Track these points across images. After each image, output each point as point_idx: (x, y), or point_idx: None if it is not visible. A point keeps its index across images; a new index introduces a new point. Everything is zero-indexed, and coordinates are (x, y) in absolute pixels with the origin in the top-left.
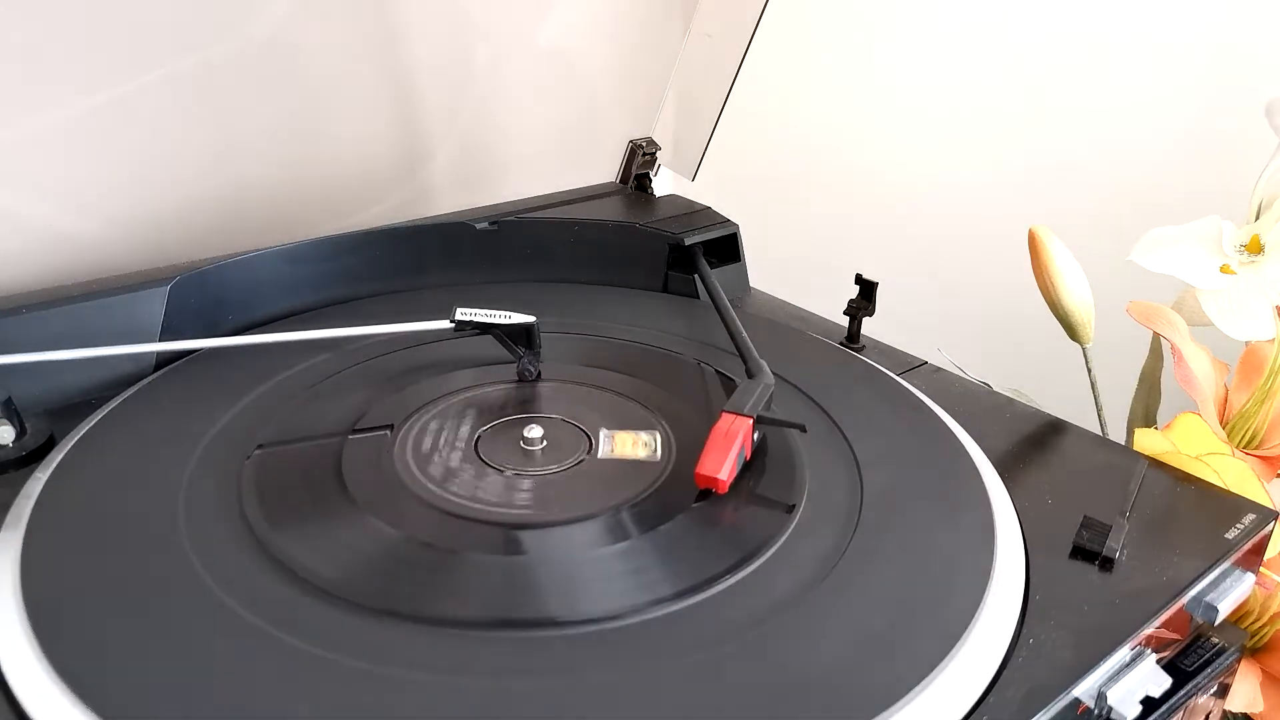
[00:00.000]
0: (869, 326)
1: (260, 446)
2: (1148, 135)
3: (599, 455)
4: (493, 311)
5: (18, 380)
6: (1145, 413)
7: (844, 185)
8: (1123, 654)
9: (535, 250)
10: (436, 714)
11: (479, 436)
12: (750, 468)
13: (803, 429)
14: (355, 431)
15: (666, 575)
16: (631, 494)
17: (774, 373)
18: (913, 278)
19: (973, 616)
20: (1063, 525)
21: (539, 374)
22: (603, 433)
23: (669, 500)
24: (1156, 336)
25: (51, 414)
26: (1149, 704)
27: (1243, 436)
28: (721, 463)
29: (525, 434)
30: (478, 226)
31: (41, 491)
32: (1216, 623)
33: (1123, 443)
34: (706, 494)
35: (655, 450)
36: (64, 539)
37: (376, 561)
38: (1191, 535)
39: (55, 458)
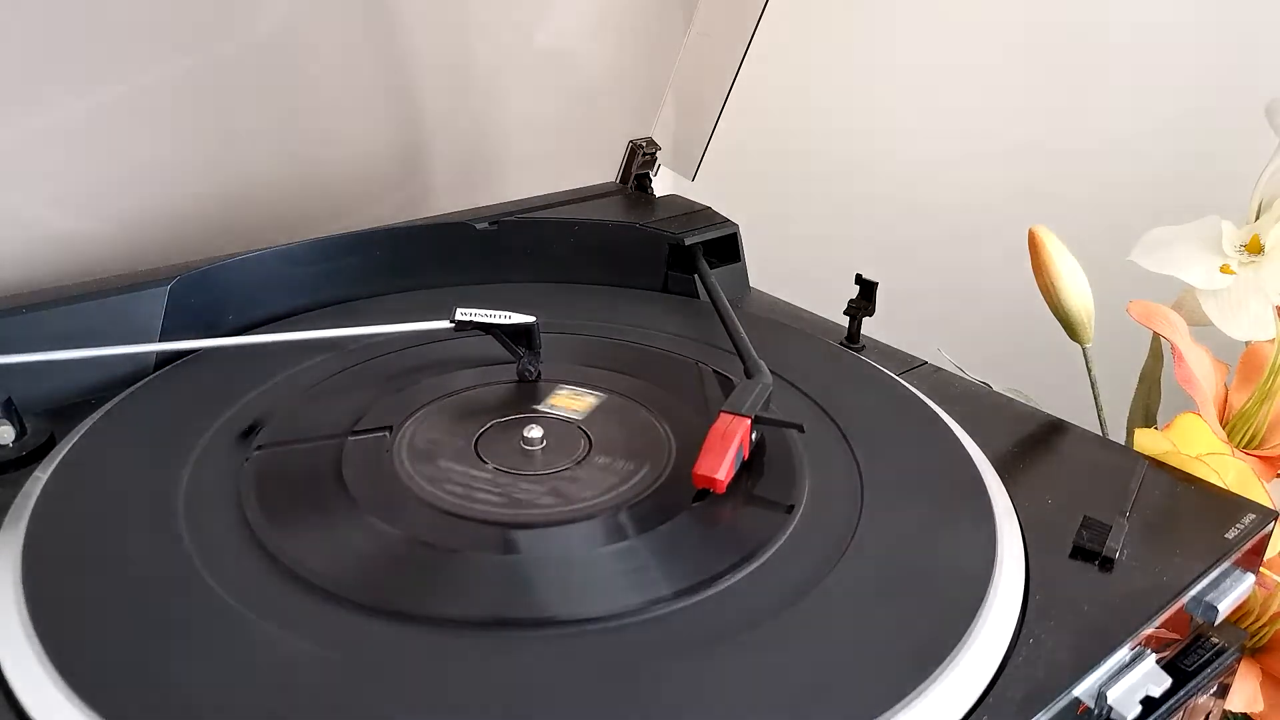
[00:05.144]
0: (869, 326)
1: (260, 447)
2: (1148, 135)
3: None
4: (493, 311)
5: (18, 380)
6: (1145, 413)
7: (844, 185)
8: (1123, 654)
9: (535, 250)
10: (435, 713)
11: (479, 437)
12: (749, 468)
13: (801, 429)
14: (355, 432)
15: (665, 575)
16: (630, 494)
17: (774, 373)
18: (913, 278)
19: (973, 616)
20: (1063, 525)
21: (539, 374)
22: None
23: (668, 500)
24: (1156, 336)
25: (51, 414)
26: (1149, 704)
27: (1243, 436)
28: (719, 463)
29: (525, 434)
30: (478, 226)
31: (41, 491)
32: (1216, 623)
33: (1123, 443)
34: (705, 494)
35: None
36: (64, 539)
37: (376, 561)
38: (1191, 535)
39: (55, 458)
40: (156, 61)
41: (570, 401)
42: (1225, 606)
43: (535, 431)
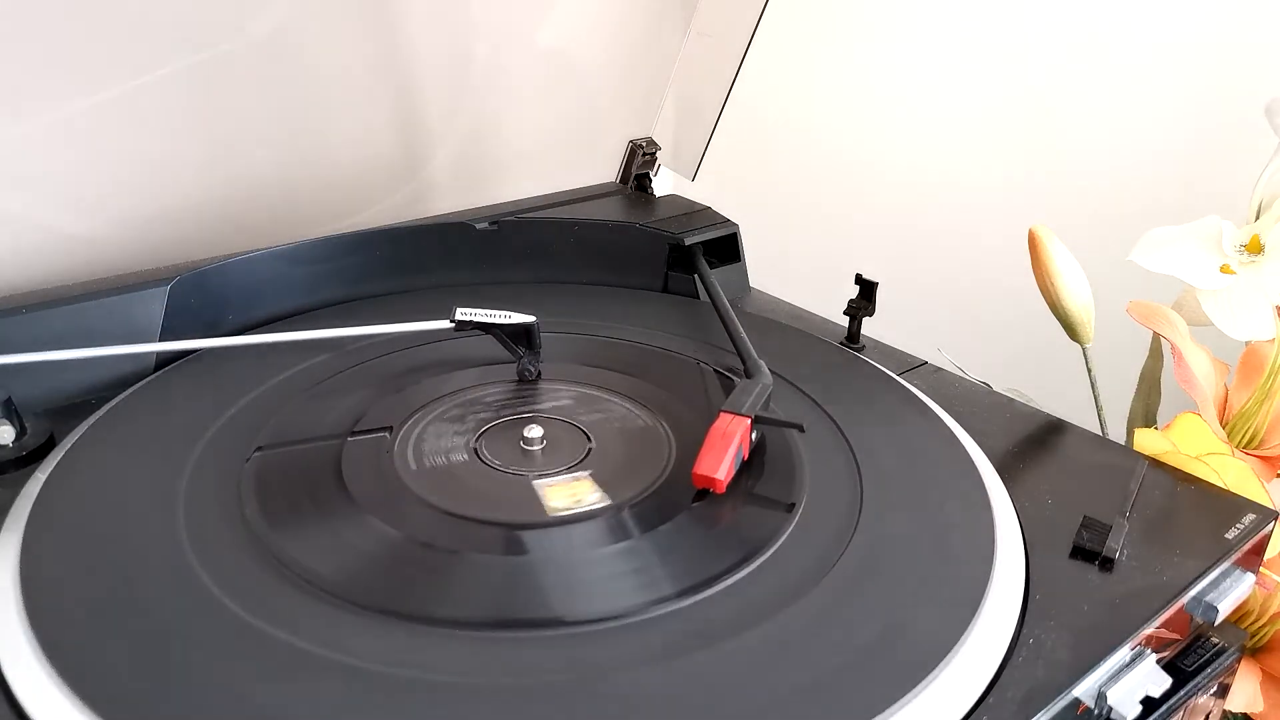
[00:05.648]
0: (869, 326)
1: (260, 448)
2: (1148, 135)
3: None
4: (493, 311)
5: (18, 380)
6: (1145, 413)
7: (844, 185)
8: (1123, 654)
9: (535, 250)
10: (436, 714)
11: (480, 436)
12: (750, 468)
13: (801, 429)
14: (355, 432)
15: (666, 575)
16: (631, 494)
17: (774, 373)
18: (913, 278)
19: (973, 616)
20: (1063, 525)
21: (539, 374)
22: (535, 484)
23: (668, 500)
24: (1156, 336)
25: (51, 414)
26: (1149, 704)
27: (1243, 436)
28: (719, 463)
29: (525, 434)
30: (478, 226)
31: (41, 491)
32: (1216, 623)
33: (1123, 443)
34: (705, 494)
35: (581, 502)
36: (64, 539)
37: (376, 561)
38: (1191, 535)
39: (55, 458)
40: (156, 61)
41: (567, 495)
42: (1225, 606)
43: (535, 431)
